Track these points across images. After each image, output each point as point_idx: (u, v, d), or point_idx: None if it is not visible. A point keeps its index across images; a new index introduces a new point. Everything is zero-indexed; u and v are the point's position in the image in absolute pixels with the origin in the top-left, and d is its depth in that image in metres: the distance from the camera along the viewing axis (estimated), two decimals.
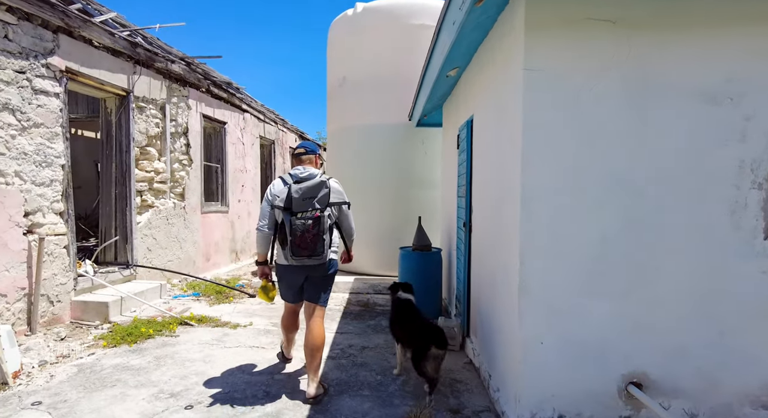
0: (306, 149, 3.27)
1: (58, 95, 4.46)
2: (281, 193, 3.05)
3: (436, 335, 3.07)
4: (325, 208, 3.01)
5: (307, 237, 2.93)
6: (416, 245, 5.03)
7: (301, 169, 3.16)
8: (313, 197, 2.99)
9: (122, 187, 5.58)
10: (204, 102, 7.40)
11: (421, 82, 4.47)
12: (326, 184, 3.05)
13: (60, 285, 4.49)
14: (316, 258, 2.98)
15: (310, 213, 2.98)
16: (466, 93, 4.17)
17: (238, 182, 8.73)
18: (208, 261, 7.58)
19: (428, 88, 4.41)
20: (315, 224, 2.95)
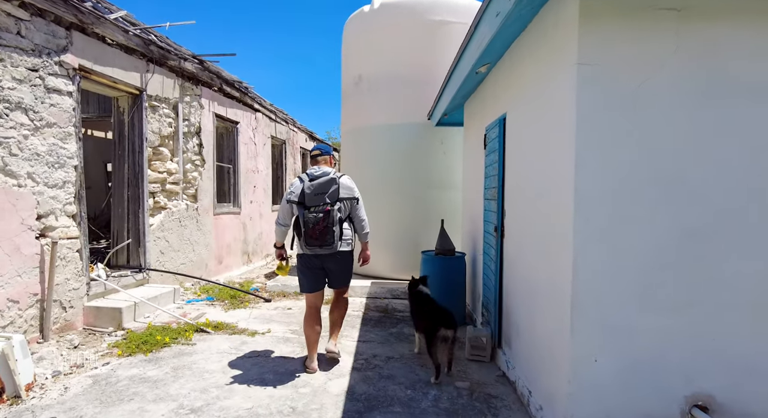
0: (321, 151, 3.64)
1: (71, 94, 4.31)
2: (297, 189, 3.42)
3: (445, 317, 3.37)
4: (335, 202, 3.34)
5: (317, 229, 3.26)
6: (439, 250, 4.84)
7: (315, 169, 3.49)
8: (324, 193, 3.32)
9: (135, 188, 5.43)
10: (216, 101, 7.24)
11: (447, 79, 4.29)
12: (336, 180, 3.38)
13: (73, 290, 4.34)
14: (327, 248, 3.33)
15: (321, 207, 3.30)
16: (495, 90, 3.98)
17: (250, 183, 8.58)
18: (221, 264, 7.43)
19: (456, 86, 4.22)
20: (325, 217, 3.27)
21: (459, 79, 4.01)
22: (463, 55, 3.50)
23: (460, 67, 3.73)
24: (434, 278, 4.79)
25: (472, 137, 5.12)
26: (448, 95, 4.61)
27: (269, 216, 9.62)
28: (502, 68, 3.68)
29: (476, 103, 4.87)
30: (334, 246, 3.33)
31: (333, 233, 3.29)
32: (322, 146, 3.71)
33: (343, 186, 3.44)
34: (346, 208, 3.46)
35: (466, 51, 3.43)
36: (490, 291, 4.06)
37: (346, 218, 3.50)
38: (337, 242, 3.34)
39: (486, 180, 4.30)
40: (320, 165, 3.57)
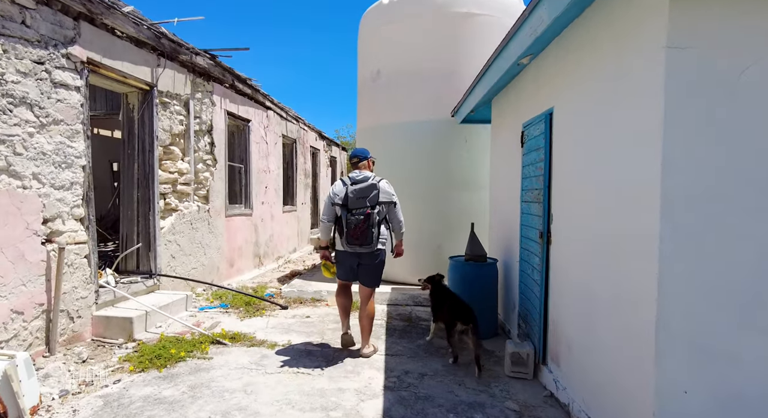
0: (359, 157, 3.97)
1: (79, 89, 4.03)
2: (340, 192, 3.76)
3: (464, 312, 3.71)
4: (375, 206, 3.67)
5: (359, 230, 3.62)
6: (469, 255, 4.53)
7: (357, 173, 3.87)
8: (366, 197, 3.66)
9: (145, 189, 5.15)
10: (228, 98, 6.96)
11: (484, 71, 3.98)
12: (376, 186, 3.73)
13: (81, 299, 4.06)
14: (366, 247, 3.69)
15: (362, 210, 3.65)
16: (537, 84, 3.67)
17: (261, 183, 8.30)
18: (232, 267, 7.15)
19: (493, 79, 3.91)
20: (366, 219, 3.62)
21: (499, 72, 3.70)
22: (510, 43, 3.18)
23: (503, 57, 3.42)
24: (463, 286, 4.50)
25: (504, 135, 4.81)
26: (482, 90, 4.30)
27: (280, 217, 9.34)
28: (547, 59, 3.37)
29: (509, 98, 4.56)
30: (372, 245, 3.70)
31: (372, 234, 3.66)
32: (360, 151, 4.02)
33: (383, 191, 3.77)
34: (384, 211, 3.79)
35: (514, 39, 3.10)
36: (530, 302, 3.75)
37: (382, 220, 3.82)
38: (375, 241, 3.70)
39: (524, 181, 3.99)
40: (361, 170, 3.94)
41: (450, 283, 4.69)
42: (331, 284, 6.21)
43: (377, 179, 3.81)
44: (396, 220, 3.88)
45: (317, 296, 5.84)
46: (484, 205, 6.08)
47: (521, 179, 4.10)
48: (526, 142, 3.96)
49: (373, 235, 3.66)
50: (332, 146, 14.48)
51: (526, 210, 3.93)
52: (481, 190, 6.10)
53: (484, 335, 4.47)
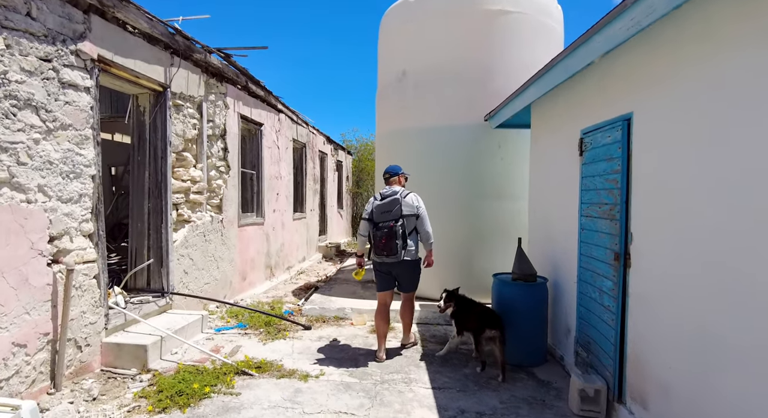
0: (390, 173, 4.34)
1: (89, 90, 3.60)
2: (369, 208, 4.14)
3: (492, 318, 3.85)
4: (398, 219, 3.96)
5: (383, 241, 3.94)
6: (518, 274, 4.13)
7: (387, 189, 4.21)
8: (389, 211, 3.99)
9: (157, 200, 4.72)
10: (241, 101, 6.54)
11: (545, 71, 3.59)
12: (398, 200, 4.02)
13: (89, 325, 3.62)
14: (393, 257, 3.97)
15: (386, 223, 3.96)
16: (604, 85, 3.29)
17: (273, 190, 7.87)
18: (245, 280, 6.71)
19: (556, 80, 3.53)
20: (389, 232, 3.93)
21: (566, 72, 3.30)
22: (593, 38, 2.77)
23: (577, 56, 3.02)
24: (511, 307, 4.10)
25: (550, 142, 4.42)
26: (537, 92, 3.91)
27: (291, 226, 8.91)
28: (625, 56, 2.99)
29: (557, 101, 4.18)
30: (398, 255, 3.96)
31: (396, 245, 3.93)
32: (392, 168, 4.36)
33: (405, 204, 4.04)
34: (409, 223, 4.06)
35: (601, 33, 2.68)
36: (595, 329, 3.36)
37: (411, 232, 4.09)
38: (400, 252, 3.96)
39: (584, 194, 3.61)
40: (392, 185, 4.28)
41: (495, 304, 4.30)
42: (354, 301, 5.79)
43: (404, 194, 4.11)
44: (423, 231, 4.11)
45: (341, 314, 5.42)
46: (519, 216, 5.69)
47: (580, 191, 3.72)
48: (588, 151, 3.57)
49: (398, 246, 3.93)
50: (338, 150, 14.08)
51: (588, 226, 3.54)
52: (516, 200, 5.71)
53: (533, 361, 4.09)
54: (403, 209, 4.00)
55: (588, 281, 3.55)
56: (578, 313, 3.74)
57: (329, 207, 12.70)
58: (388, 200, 4.03)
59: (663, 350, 2.58)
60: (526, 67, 5.72)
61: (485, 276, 5.66)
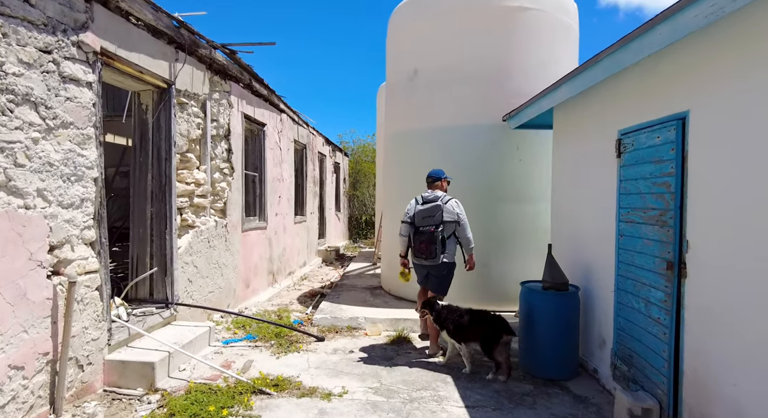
0: (434, 177, 4.45)
1: (91, 85, 3.31)
2: (411, 211, 4.30)
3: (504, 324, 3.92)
4: (438, 225, 4.11)
5: (423, 245, 4.11)
6: (550, 283, 3.92)
7: (429, 193, 4.35)
8: (431, 216, 4.13)
9: (160, 204, 4.42)
10: (245, 99, 6.25)
11: (586, 68, 3.37)
12: (441, 206, 4.16)
13: (91, 342, 3.32)
14: (431, 260, 4.14)
15: (427, 228, 4.12)
16: (650, 82, 3.09)
17: (275, 193, 7.58)
18: (248, 287, 6.42)
19: (599, 77, 3.31)
20: (429, 236, 4.09)
21: (614, 67, 3.08)
22: (655, 29, 2.53)
23: (631, 50, 2.79)
24: (541, 317, 3.89)
25: (581, 143, 4.22)
26: (572, 90, 3.69)
27: (292, 229, 8.62)
28: (678, 52, 2.79)
29: (587, 100, 3.98)
30: (436, 259, 4.12)
31: (435, 249, 4.09)
32: (435, 173, 4.47)
33: (447, 211, 4.18)
34: (449, 228, 4.19)
35: (666, 23, 2.44)
36: (640, 342, 3.15)
37: (449, 236, 4.22)
38: (438, 255, 4.11)
39: (624, 197, 3.40)
40: (434, 189, 4.39)
41: (523, 314, 4.08)
42: (366, 309, 5.54)
43: (445, 199, 4.22)
44: (463, 237, 4.26)
45: (354, 324, 5.16)
46: (539, 219, 5.49)
47: (618, 195, 3.51)
48: (628, 153, 3.37)
49: (437, 250, 4.07)
50: (336, 152, 13.81)
51: (629, 232, 3.34)
52: (536, 202, 5.51)
53: (565, 374, 3.87)
54: (444, 216, 4.16)
55: (629, 291, 3.34)
56: (616, 324, 3.53)
57: (328, 210, 12.43)
58: (430, 206, 4.19)
59: (736, 368, 2.38)
60: (545, 66, 5.56)
61: (503, 282, 5.46)
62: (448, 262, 4.21)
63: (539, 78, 5.50)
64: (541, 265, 5.59)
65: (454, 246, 4.26)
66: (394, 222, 6.35)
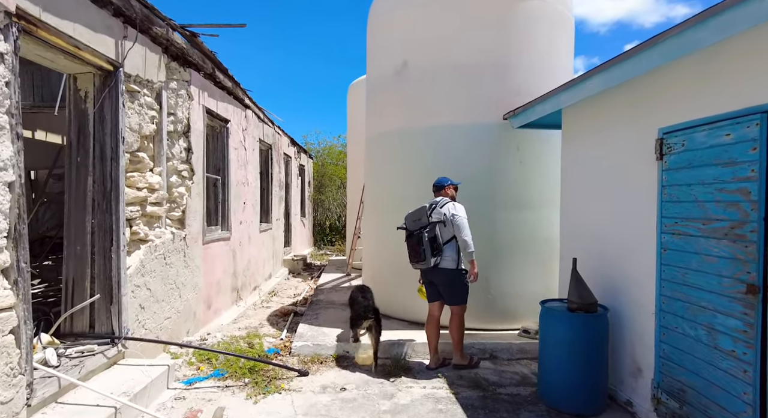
0: (437, 186, 4.31)
1: (2, 57, 2.45)
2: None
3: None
4: (425, 227, 4.02)
5: (411, 247, 4.11)
6: (578, 303, 3.39)
7: (432, 200, 4.23)
8: (418, 219, 4.10)
9: (104, 214, 3.54)
10: (207, 91, 5.41)
11: (628, 57, 2.87)
12: (425, 209, 4.09)
13: (0, 406, 2.44)
14: (422, 263, 4.02)
15: (417, 232, 4.07)
16: (711, 70, 2.62)
17: (239, 199, 6.74)
18: (210, 308, 5.55)
19: (644, 68, 2.81)
20: (418, 237, 4.03)
21: (665, 57, 2.59)
22: (727, 11, 2.07)
23: (686, 37, 2.30)
24: (568, 343, 3.37)
25: (603, 143, 3.74)
26: (604, 83, 3.18)
27: (257, 238, 7.78)
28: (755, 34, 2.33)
29: (616, 96, 3.51)
30: (427, 261, 3.97)
31: (423, 251, 3.96)
32: (438, 181, 4.34)
33: (435, 213, 4.06)
34: (444, 231, 4.01)
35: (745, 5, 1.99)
36: (701, 378, 2.67)
37: (448, 241, 4.03)
38: (428, 258, 3.95)
39: (672, 206, 2.93)
40: (440, 195, 4.27)
41: (546, 337, 3.55)
42: None
43: (442, 203, 4.10)
44: (460, 238, 3.99)
45: (340, 352, 4.45)
46: (541, 228, 5.02)
47: (659, 203, 3.04)
48: (676, 154, 2.90)
49: (425, 252, 3.95)
50: (301, 153, 12.98)
51: (678, 246, 2.87)
52: (537, 209, 5.03)
53: (594, 408, 3.36)
54: (432, 217, 4.04)
55: (679, 314, 2.86)
56: (658, 351, 3.05)
57: (293, 215, 11.59)
58: (416, 209, 4.15)
59: None
60: (545, 60, 5.12)
61: (504, 298, 4.94)
62: (447, 269, 4.00)
63: (540, 73, 5.06)
64: (544, 278, 5.15)
65: (454, 252, 4.03)
66: (379, 230, 5.69)
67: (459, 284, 4.06)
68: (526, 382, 3.93)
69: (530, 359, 4.47)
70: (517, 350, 4.53)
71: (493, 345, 4.53)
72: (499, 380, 3.94)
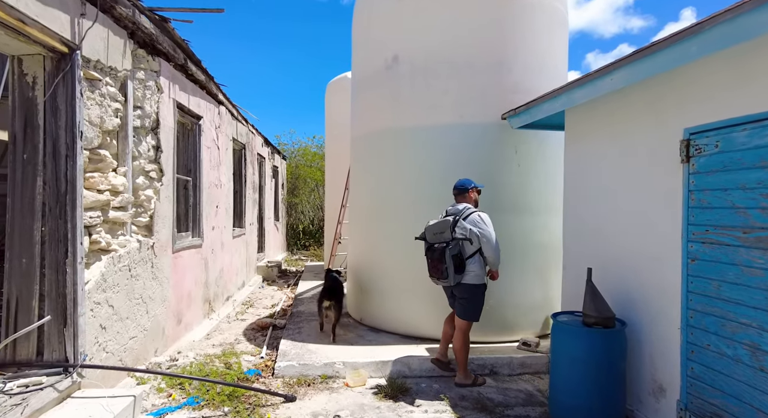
0: (459, 189, 3.98)
1: None
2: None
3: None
4: (449, 242, 3.69)
5: (433, 264, 3.80)
6: (596, 317, 3.11)
7: (451, 207, 3.95)
8: (441, 233, 3.75)
9: (57, 221, 3.03)
10: (178, 84, 4.91)
11: (667, 45, 2.61)
12: (448, 223, 3.73)
13: None
14: (443, 281, 3.78)
15: (437, 246, 3.76)
16: (748, 63, 2.40)
17: (212, 202, 6.22)
18: (180, 323, 5.03)
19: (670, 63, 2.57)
20: (440, 254, 3.71)
21: (709, 47, 2.35)
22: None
23: (740, 23, 2.07)
24: (585, 361, 3.10)
25: (615, 144, 3.50)
26: (633, 75, 2.93)
27: (230, 245, 7.25)
28: None
29: (631, 94, 3.28)
30: (448, 280, 3.68)
31: (446, 270, 3.66)
32: (460, 183, 3.99)
33: (459, 226, 3.72)
34: (462, 245, 3.70)
35: None
36: (743, 403, 2.43)
37: (472, 255, 3.73)
38: (451, 276, 3.66)
39: (702, 213, 2.70)
40: (459, 201, 3.96)
41: (558, 355, 3.26)
42: (341, 349, 4.44)
43: (466, 214, 3.78)
44: (487, 255, 3.78)
45: (330, 372, 4.04)
46: (540, 235, 4.77)
47: (686, 209, 2.82)
48: (706, 156, 2.68)
49: (447, 270, 3.67)
50: (275, 154, 12.44)
51: (712, 256, 2.63)
52: (536, 214, 4.78)
53: None
54: (456, 232, 3.72)
55: (712, 331, 2.63)
56: (685, 369, 2.81)
57: (267, 219, 11.04)
58: (439, 221, 3.81)
59: None
60: (542, 58, 4.90)
61: (502, 308, 4.66)
62: (470, 284, 3.74)
63: (538, 71, 4.83)
64: (542, 286, 4.90)
65: (479, 266, 3.76)
66: (367, 236, 5.32)
67: (475, 300, 3.81)
68: (533, 401, 3.64)
69: (532, 374, 4.20)
70: (519, 364, 4.25)
71: (494, 360, 4.23)
72: (505, 400, 3.63)
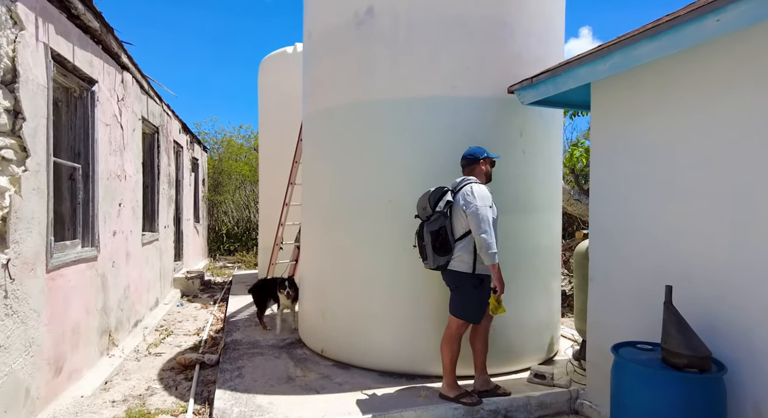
0: (467, 159, 3.37)
1: None
2: None
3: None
4: (430, 216, 3.19)
5: (418, 241, 3.33)
6: (687, 357, 2.22)
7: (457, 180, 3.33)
8: (424, 207, 3.24)
9: None
10: (54, 25, 3.36)
11: None
12: (429, 193, 3.23)
13: None
14: (426, 263, 3.27)
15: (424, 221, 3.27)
16: None
17: (113, 199, 4.64)
18: (60, 373, 3.47)
19: None
20: (420, 228, 3.31)
21: None
22: None
23: None
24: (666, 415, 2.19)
25: (673, 120, 2.67)
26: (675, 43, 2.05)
27: (139, 254, 5.64)
28: None
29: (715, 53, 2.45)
30: (429, 262, 3.24)
31: (425, 248, 3.24)
32: (469, 152, 3.38)
33: (443, 199, 3.16)
34: (446, 222, 3.17)
35: None
36: None
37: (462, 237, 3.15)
38: (430, 256, 3.21)
39: None
40: (469, 173, 3.37)
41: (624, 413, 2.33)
42: (297, 399, 3.21)
43: (462, 185, 3.22)
44: (475, 235, 3.05)
45: None
46: (543, 235, 3.89)
47: None
48: None
49: (426, 249, 3.22)
50: (194, 144, 10.65)
51: None
52: (542, 212, 3.91)
53: None
54: (439, 204, 3.15)
55: None
56: None
57: (185, 221, 9.30)
58: (424, 194, 3.29)
59: None
60: (549, 23, 4.04)
61: (506, 329, 3.71)
62: (456, 271, 3.14)
63: (544, 37, 3.97)
64: (548, 300, 4.03)
65: (470, 252, 3.11)
66: (329, 242, 4.10)
67: (467, 293, 3.16)
68: None
69: (552, 417, 3.30)
70: (537, 405, 3.31)
71: (507, 403, 3.25)
72: None
